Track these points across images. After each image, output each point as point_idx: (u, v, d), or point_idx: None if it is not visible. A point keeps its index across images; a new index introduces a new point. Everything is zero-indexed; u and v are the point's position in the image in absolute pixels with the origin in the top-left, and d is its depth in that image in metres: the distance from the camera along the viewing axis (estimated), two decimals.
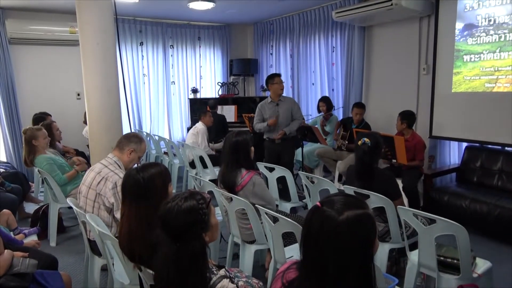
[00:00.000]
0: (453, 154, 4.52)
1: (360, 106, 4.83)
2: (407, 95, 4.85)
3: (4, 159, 5.53)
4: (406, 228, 2.48)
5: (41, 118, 4.75)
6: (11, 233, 2.80)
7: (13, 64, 5.50)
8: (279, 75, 4.39)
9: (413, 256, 2.35)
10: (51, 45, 5.78)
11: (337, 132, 4.99)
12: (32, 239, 2.72)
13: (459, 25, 4.12)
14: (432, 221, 2.12)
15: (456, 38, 4.15)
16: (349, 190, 2.62)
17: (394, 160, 3.87)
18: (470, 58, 4.05)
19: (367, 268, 1.05)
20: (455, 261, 2.12)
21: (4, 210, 2.94)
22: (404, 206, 2.46)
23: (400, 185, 3.60)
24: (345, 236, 1.02)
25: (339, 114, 5.73)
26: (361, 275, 1.04)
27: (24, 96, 5.69)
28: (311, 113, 6.28)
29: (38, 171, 3.61)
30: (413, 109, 4.59)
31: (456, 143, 4.46)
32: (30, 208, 4.30)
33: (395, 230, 2.53)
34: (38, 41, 5.66)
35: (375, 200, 2.47)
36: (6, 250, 1.95)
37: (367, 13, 4.54)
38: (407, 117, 4.09)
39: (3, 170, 4.43)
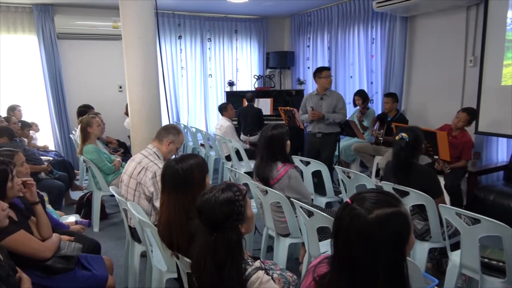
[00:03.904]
0: (501, 151, 4.26)
1: (388, 95, 4.69)
2: (452, 88, 4.62)
3: (53, 148, 5.85)
4: (448, 227, 2.38)
5: (83, 112, 4.92)
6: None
7: (61, 58, 5.78)
8: (327, 68, 4.28)
9: (455, 257, 2.26)
10: (95, 39, 6.03)
11: (374, 128, 4.86)
12: (78, 225, 2.87)
13: (511, 14, 3.85)
14: (476, 221, 2.03)
15: (507, 27, 3.89)
16: (387, 186, 2.55)
17: (436, 156, 3.71)
18: None
19: (399, 267, 1.02)
20: (501, 263, 2.02)
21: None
22: (446, 204, 2.36)
23: (442, 182, 3.46)
24: (374, 235, 1.00)
25: (377, 107, 5.57)
26: (393, 273, 1.01)
27: (71, 89, 5.98)
28: (348, 107, 6.16)
29: (83, 160, 3.79)
30: (457, 103, 4.39)
31: (504, 139, 4.20)
32: (75, 195, 4.55)
33: (435, 229, 2.44)
34: (83, 36, 5.92)
35: (415, 197, 2.39)
36: (54, 234, 2.07)
37: (411, 3, 4.35)
38: (475, 117, 3.88)
39: (52, 158, 4.69)
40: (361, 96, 5.21)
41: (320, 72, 4.22)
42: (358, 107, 5.26)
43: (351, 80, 6.13)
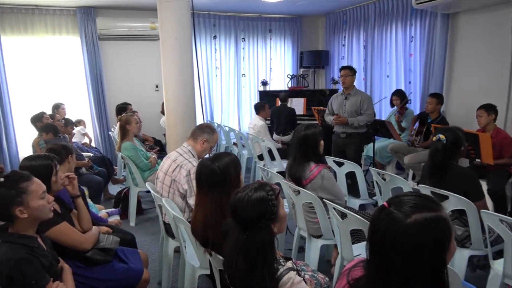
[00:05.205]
0: None
1: (433, 96, 4.48)
2: (497, 88, 4.38)
3: (93, 145, 6.11)
4: (490, 233, 2.27)
5: (123, 108, 5.16)
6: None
7: (101, 58, 6.03)
8: (345, 68, 4.18)
9: (497, 266, 2.14)
10: (134, 40, 6.23)
11: (414, 127, 4.69)
12: (115, 219, 2.98)
13: None
14: None
15: None
16: (425, 189, 2.46)
17: (478, 160, 3.54)
18: None
19: (439, 275, 0.98)
20: None
21: None
22: (487, 209, 2.25)
23: (485, 187, 3.29)
24: (412, 240, 0.96)
25: (415, 108, 5.39)
26: (432, 281, 0.97)
27: (110, 88, 6.21)
28: (384, 108, 6.01)
29: (121, 157, 3.93)
30: (503, 104, 4.17)
31: None
32: (114, 189, 4.72)
33: (476, 236, 2.32)
34: (123, 37, 6.13)
35: (455, 201, 2.29)
36: (94, 227, 2.16)
37: None
38: (494, 109, 3.71)
39: (92, 154, 4.90)
40: (399, 96, 5.05)
41: (340, 72, 4.18)
42: (395, 108, 5.11)
43: (387, 79, 5.97)
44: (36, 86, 5.83)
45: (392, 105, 5.23)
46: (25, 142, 5.52)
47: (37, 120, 4.54)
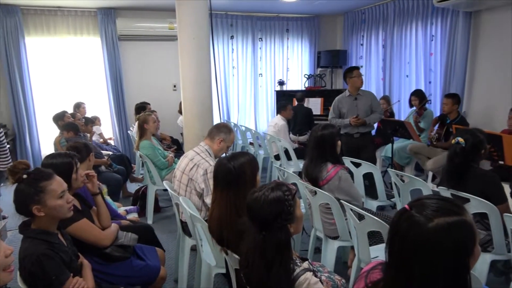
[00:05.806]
0: None
1: (448, 96, 4.36)
2: None
3: (112, 143, 6.21)
4: None
5: (142, 108, 5.24)
6: None
7: (121, 58, 6.13)
8: (358, 68, 4.20)
9: None
10: (153, 40, 6.31)
11: (434, 128, 4.59)
12: (133, 216, 3.03)
13: None
14: None
15: None
16: (446, 192, 2.41)
17: (501, 162, 3.43)
18: None
19: (462, 280, 0.95)
20: None
21: None
22: (511, 212, 2.18)
23: (508, 190, 3.19)
24: (433, 245, 0.94)
25: (436, 108, 5.28)
26: (454, 287, 0.95)
27: (129, 87, 6.32)
28: (403, 108, 5.91)
29: (140, 155, 3.99)
30: None
31: None
32: (132, 187, 4.80)
33: (499, 240, 2.26)
34: (142, 37, 6.23)
35: (476, 204, 2.23)
36: (112, 224, 2.19)
37: None
38: None
39: (111, 153, 4.98)
40: (418, 97, 4.95)
41: (351, 72, 4.11)
42: (414, 108, 5.02)
43: (407, 79, 5.88)
44: (58, 86, 5.98)
45: (411, 105, 5.14)
46: (47, 140, 5.67)
47: (59, 118, 4.65)
